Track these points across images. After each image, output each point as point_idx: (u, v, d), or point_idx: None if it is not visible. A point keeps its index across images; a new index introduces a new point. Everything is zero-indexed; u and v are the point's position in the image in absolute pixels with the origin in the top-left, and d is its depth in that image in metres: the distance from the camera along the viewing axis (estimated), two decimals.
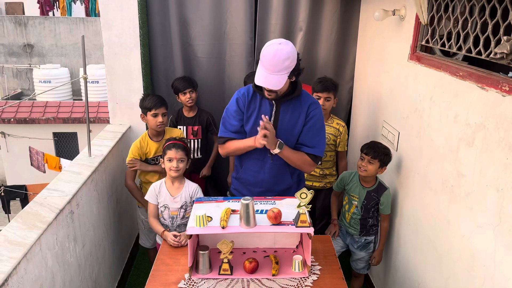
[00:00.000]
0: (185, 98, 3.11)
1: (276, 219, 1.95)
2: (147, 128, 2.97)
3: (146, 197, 2.52)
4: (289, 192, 2.44)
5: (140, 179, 2.93)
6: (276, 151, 2.18)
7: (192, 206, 2.24)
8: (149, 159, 2.84)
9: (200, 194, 2.51)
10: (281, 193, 2.37)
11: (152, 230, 2.85)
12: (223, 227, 1.92)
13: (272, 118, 2.26)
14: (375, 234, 2.71)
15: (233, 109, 2.31)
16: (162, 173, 2.76)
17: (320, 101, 2.80)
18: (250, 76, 3.09)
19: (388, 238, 2.76)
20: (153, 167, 2.81)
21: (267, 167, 2.33)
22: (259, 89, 2.25)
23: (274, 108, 2.25)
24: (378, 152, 2.50)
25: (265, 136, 2.10)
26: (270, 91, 2.16)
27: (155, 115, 2.74)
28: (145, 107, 2.78)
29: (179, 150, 2.43)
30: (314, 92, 2.86)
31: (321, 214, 3.16)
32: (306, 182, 2.99)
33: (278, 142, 2.19)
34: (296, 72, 2.13)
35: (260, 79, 2.08)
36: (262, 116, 2.14)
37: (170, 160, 2.42)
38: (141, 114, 2.84)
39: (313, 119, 2.27)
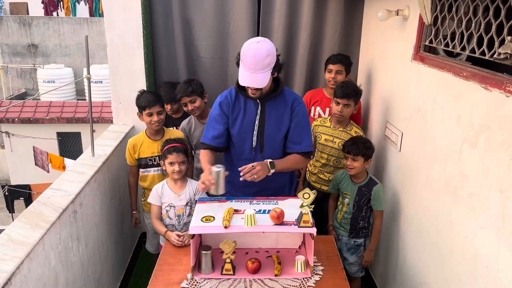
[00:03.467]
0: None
1: (279, 219, 1.95)
2: None
3: (149, 200, 2.52)
4: (283, 190, 2.44)
5: (140, 184, 2.88)
6: (272, 171, 2.19)
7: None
8: (145, 159, 2.79)
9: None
10: (276, 191, 2.37)
11: (155, 236, 2.84)
12: (225, 227, 1.93)
13: (258, 117, 2.28)
14: (365, 237, 2.70)
15: (216, 113, 2.32)
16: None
17: (339, 107, 2.74)
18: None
19: (390, 238, 2.75)
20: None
21: None
22: (243, 89, 2.26)
23: (260, 107, 2.26)
24: (359, 148, 2.52)
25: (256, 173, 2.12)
26: (255, 89, 2.17)
27: (150, 114, 2.68)
28: (139, 106, 2.72)
29: (180, 154, 2.44)
30: (334, 96, 2.77)
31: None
32: (315, 185, 2.99)
33: (268, 163, 2.19)
34: (277, 68, 2.17)
35: (244, 79, 2.10)
36: (240, 169, 2.13)
37: (172, 164, 2.43)
38: (137, 113, 2.77)
39: (298, 115, 2.31)
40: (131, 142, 2.80)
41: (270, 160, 2.20)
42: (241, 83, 2.13)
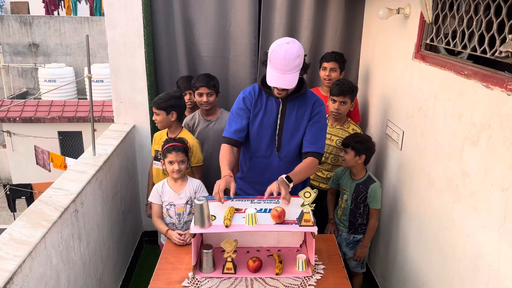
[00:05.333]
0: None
1: (280, 218, 1.95)
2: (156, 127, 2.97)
3: (149, 199, 2.53)
4: (295, 189, 2.44)
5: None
6: (291, 185, 2.09)
7: None
8: (158, 152, 2.84)
9: (203, 189, 2.53)
10: None
11: None
12: (226, 226, 1.93)
13: (279, 116, 2.28)
14: (364, 233, 2.73)
15: (239, 107, 2.33)
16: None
17: (335, 105, 2.77)
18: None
19: (391, 237, 2.75)
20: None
21: (274, 165, 2.35)
22: (267, 87, 2.26)
23: (281, 106, 2.27)
24: (350, 141, 2.58)
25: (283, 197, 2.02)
26: (281, 89, 2.17)
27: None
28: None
29: (179, 153, 2.45)
30: (331, 94, 2.79)
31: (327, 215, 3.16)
32: (313, 183, 3.00)
33: (286, 178, 2.08)
34: (304, 69, 2.16)
35: (273, 80, 2.10)
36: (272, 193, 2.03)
37: (171, 163, 2.44)
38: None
39: (317, 115, 2.31)
40: (154, 135, 2.93)
41: (285, 175, 2.10)
42: (270, 83, 2.12)
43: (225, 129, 2.37)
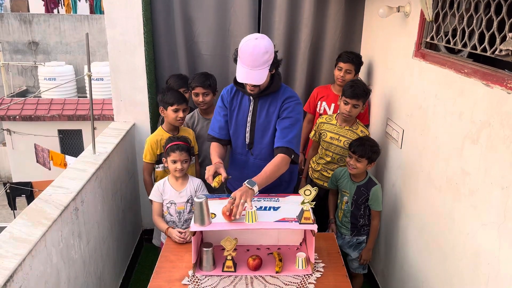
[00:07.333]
0: None
1: (229, 217, 1.94)
2: (160, 123, 2.93)
3: (150, 197, 2.53)
4: (278, 188, 2.40)
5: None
6: (256, 189, 2.01)
7: None
8: (161, 154, 2.82)
9: (204, 188, 2.54)
10: (269, 189, 2.33)
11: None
12: (214, 187, 2.02)
13: (251, 114, 2.31)
14: (367, 235, 2.71)
15: (218, 105, 2.43)
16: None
17: (347, 107, 2.70)
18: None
19: (391, 236, 2.75)
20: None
21: (250, 163, 2.39)
22: (240, 85, 2.30)
23: (252, 104, 2.28)
24: (366, 151, 2.51)
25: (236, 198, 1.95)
26: (253, 86, 2.19)
27: (176, 110, 2.68)
28: (166, 102, 2.71)
29: (183, 152, 2.45)
30: (343, 96, 2.73)
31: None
32: (318, 182, 2.99)
33: (248, 183, 1.99)
34: (275, 65, 2.17)
35: (242, 76, 2.11)
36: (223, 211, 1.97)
37: (174, 162, 2.44)
38: (160, 108, 2.77)
39: (286, 111, 2.25)
40: (153, 139, 2.77)
41: (247, 180, 2.02)
42: (239, 79, 2.14)
43: (210, 127, 2.44)
